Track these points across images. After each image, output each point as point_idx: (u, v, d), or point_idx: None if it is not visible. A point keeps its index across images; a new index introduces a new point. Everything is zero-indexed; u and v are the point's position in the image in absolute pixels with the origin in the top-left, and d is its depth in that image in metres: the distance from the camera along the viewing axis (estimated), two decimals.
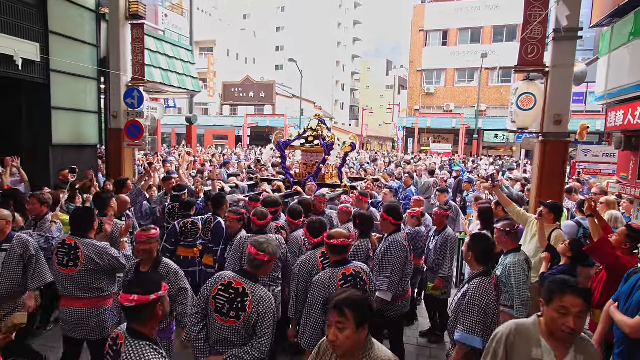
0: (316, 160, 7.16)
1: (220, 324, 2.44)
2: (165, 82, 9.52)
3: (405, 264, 3.71)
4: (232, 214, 3.95)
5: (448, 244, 4.58)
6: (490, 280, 2.77)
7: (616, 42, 5.02)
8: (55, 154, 7.34)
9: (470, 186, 8.49)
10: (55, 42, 7.19)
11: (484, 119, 28.41)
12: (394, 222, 3.78)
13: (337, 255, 2.89)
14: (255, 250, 2.53)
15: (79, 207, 4.59)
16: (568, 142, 5.27)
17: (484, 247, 2.85)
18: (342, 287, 2.77)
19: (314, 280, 2.85)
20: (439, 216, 4.71)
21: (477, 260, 2.84)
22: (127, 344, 1.82)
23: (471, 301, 2.71)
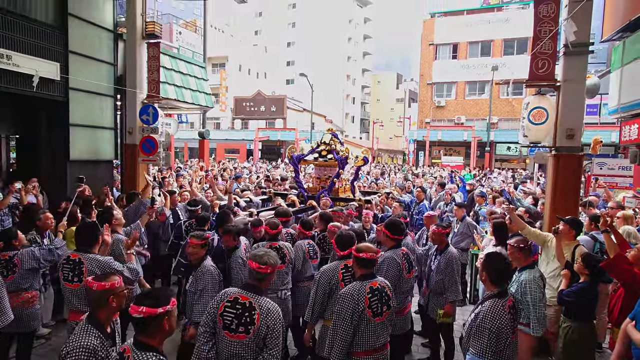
0: (329, 174, 7.16)
1: (229, 340, 2.44)
2: (179, 99, 9.75)
3: (398, 282, 3.68)
4: (195, 238, 3.54)
5: (453, 265, 4.19)
6: (504, 302, 2.71)
7: (628, 56, 5.00)
8: (72, 169, 7.53)
9: (483, 200, 8.39)
10: (75, 61, 7.44)
11: (496, 132, 28.21)
12: (392, 236, 3.78)
13: (364, 269, 2.92)
14: (257, 264, 2.54)
15: (82, 223, 4.62)
16: (582, 157, 5.22)
17: (499, 267, 2.79)
18: (369, 300, 2.80)
19: (342, 293, 2.86)
20: (437, 235, 4.36)
21: (492, 281, 2.79)
22: (134, 356, 1.87)
23: (482, 324, 2.68)
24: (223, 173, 12.30)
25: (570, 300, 3.63)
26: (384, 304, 2.86)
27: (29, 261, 3.68)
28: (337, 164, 7.00)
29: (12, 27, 6.35)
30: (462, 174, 18.17)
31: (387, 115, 53.13)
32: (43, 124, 7.62)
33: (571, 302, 3.64)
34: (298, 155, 7.40)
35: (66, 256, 3.35)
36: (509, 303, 2.72)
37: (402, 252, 3.78)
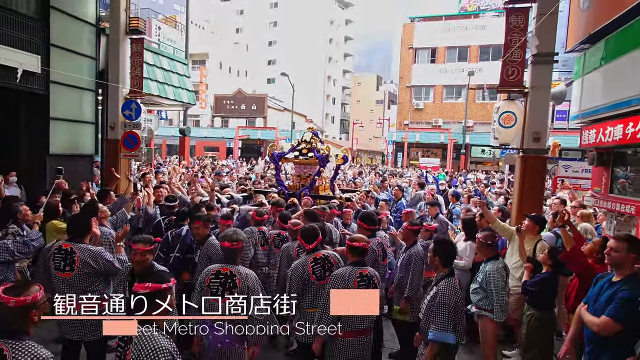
0: (310, 172, 7.23)
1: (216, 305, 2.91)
2: (161, 95, 9.75)
3: (374, 267, 3.92)
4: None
5: (413, 260, 4.21)
6: (454, 280, 3.11)
7: (588, 66, 5.43)
8: (52, 163, 7.45)
9: (456, 200, 8.77)
10: (56, 55, 7.38)
11: (471, 135, 29.09)
12: (367, 227, 4.09)
13: (357, 256, 3.26)
14: (229, 242, 3.10)
15: (75, 214, 4.71)
16: (546, 158, 5.63)
17: (448, 251, 3.19)
18: (358, 284, 3.13)
19: (334, 274, 3.20)
20: (407, 231, 4.42)
21: (443, 264, 3.16)
22: (139, 331, 2.02)
23: (442, 300, 3.00)
24: (204, 170, 12.33)
25: (534, 290, 3.98)
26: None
27: (1, 254, 3.65)
28: (317, 162, 7.07)
29: None
30: (436, 174, 18.74)
31: (366, 116, 53.68)
32: (22, 118, 7.51)
33: (534, 292, 3.98)
34: (279, 153, 7.43)
35: (57, 246, 3.41)
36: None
37: (377, 241, 4.10)
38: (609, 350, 2.79)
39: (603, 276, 3.14)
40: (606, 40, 5.03)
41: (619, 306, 2.77)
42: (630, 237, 3.07)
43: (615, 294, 2.85)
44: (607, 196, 5.17)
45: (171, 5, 45.40)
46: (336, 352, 3.15)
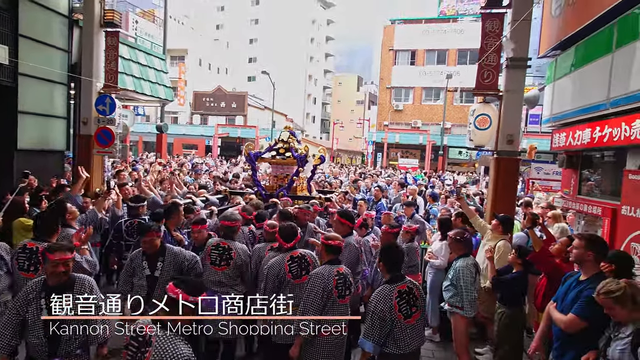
0: (287, 172, 7.09)
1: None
2: (137, 90, 9.51)
3: (356, 264, 4.13)
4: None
5: None
6: (394, 287, 2.93)
7: (559, 72, 5.62)
8: (20, 159, 7.17)
9: (433, 200, 8.91)
10: (25, 46, 7.10)
11: (449, 136, 29.66)
12: (349, 224, 4.21)
13: (332, 255, 3.27)
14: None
15: (43, 212, 4.51)
16: (519, 160, 5.78)
17: (391, 257, 3.07)
18: (337, 282, 3.13)
19: (314, 273, 3.19)
20: (385, 234, 4.38)
21: (386, 269, 3.04)
22: (157, 335, 2.04)
23: (368, 307, 3.00)
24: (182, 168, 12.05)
25: (505, 289, 4.08)
26: (347, 288, 3.20)
27: None
28: (295, 162, 6.93)
29: None
30: (414, 174, 19.05)
31: (347, 116, 53.99)
32: None
33: (505, 290, 4.09)
34: (255, 152, 7.25)
35: (22, 245, 3.27)
36: (400, 287, 2.94)
37: (356, 239, 4.21)
38: (575, 346, 2.89)
39: (571, 275, 3.25)
40: (576, 47, 5.22)
41: (584, 304, 2.87)
42: (589, 236, 3.20)
43: (581, 292, 2.95)
44: (576, 197, 5.36)
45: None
46: (312, 351, 3.12)
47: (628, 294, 2.52)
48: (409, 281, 3.05)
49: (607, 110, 4.23)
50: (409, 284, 3.01)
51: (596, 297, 2.63)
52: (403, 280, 3.02)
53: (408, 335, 2.94)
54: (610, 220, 4.29)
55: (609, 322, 2.71)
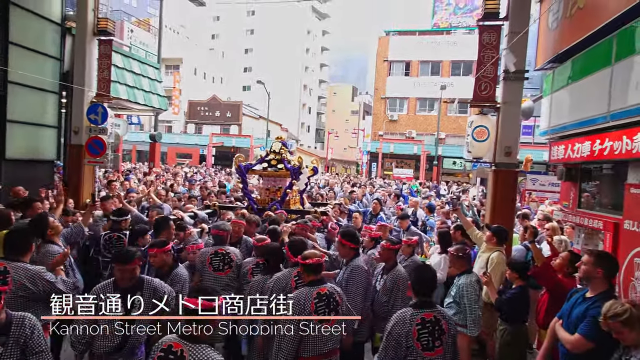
0: (280, 185, 6.81)
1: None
2: (130, 99, 9.39)
3: (367, 289, 3.76)
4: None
5: (400, 286, 3.80)
6: (418, 313, 2.68)
7: (557, 84, 5.61)
8: (7, 168, 6.99)
9: (430, 212, 8.81)
10: (16, 54, 6.98)
11: (443, 147, 29.81)
12: (353, 246, 3.80)
13: (312, 275, 3.00)
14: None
15: (14, 228, 4.09)
16: (517, 172, 5.73)
17: (420, 279, 2.79)
18: (316, 305, 2.86)
19: (290, 297, 2.90)
20: (386, 250, 3.97)
21: (414, 291, 2.79)
22: (190, 349, 2.04)
23: (387, 326, 2.75)
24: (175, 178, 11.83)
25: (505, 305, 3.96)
26: (331, 310, 2.92)
27: None
28: (288, 174, 6.63)
29: None
30: (410, 184, 19.04)
31: (342, 126, 54.16)
32: None
33: (506, 307, 3.97)
34: (246, 164, 6.92)
35: None
36: (424, 316, 2.66)
37: (363, 259, 3.92)
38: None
39: (577, 291, 3.16)
40: (573, 60, 5.21)
41: (591, 324, 2.77)
42: (598, 252, 3.12)
43: (587, 310, 2.86)
44: (576, 211, 5.30)
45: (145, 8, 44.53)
46: None
47: (635, 315, 2.42)
48: (439, 311, 2.74)
49: (608, 123, 4.19)
50: (438, 314, 2.70)
51: (602, 321, 2.53)
52: (432, 308, 2.72)
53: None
54: (612, 234, 4.22)
55: (616, 342, 2.62)
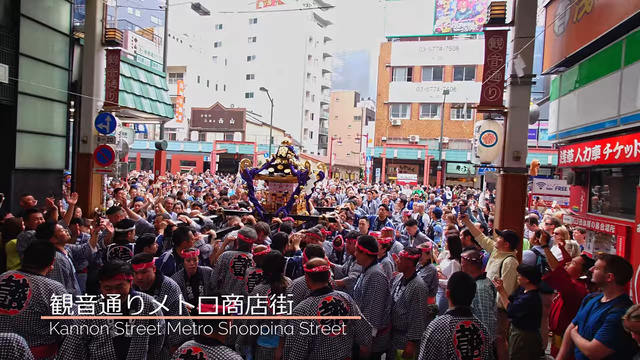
0: (286, 190, 6.70)
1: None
2: (138, 108, 9.45)
3: (386, 297, 3.67)
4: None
5: (419, 297, 3.68)
6: (456, 320, 2.66)
7: (565, 88, 5.61)
8: (17, 177, 7.03)
9: (436, 217, 8.79)
10: (26, 65, 7.04)
11: (447, 151, 29.77)
12: (371, 253, 3.72)
13: (319, 283, 2.97)
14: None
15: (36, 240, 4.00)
16: (527, 177, 5.71)
17: (459, 286, 2.77)
18: (322, 315, 2.81)
19: (295, 309, 2.86)
20: (405, 260, 3.82)
21: (452, 300, 2.78)
22: (209, 352, 2.08)
23: (425, 333, 2.70)
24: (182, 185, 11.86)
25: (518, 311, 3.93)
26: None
27: None
28: (294, 179, 6.53)
29: None
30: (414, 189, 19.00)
31: (345, 132, 54.31)
32: None
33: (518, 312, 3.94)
34: (252, 169, 6.82)
35: (8, 276, 2.83)
36: (463, 323, 2.64)
37: (382, 267, 3.84)
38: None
39: (592, 296, 3.14)
40: (580, 64, 5.22)
41: (609, 330, 2.75)
42: (611, 257, 3.11)
43: (604, 315, 2.84)
44: (586, 215, 5.27)
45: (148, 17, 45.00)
46: None
47: None
48: (476, 320, 2.73)
49: (618, 127, 4.18)
50: (475, 323, 2.69)
51: (626, 320, 2.52)
52: (469, 316, 2.71)
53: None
54: (625, 238, 4.19)
55: (634, 348, 2.59)
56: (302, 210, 6.94)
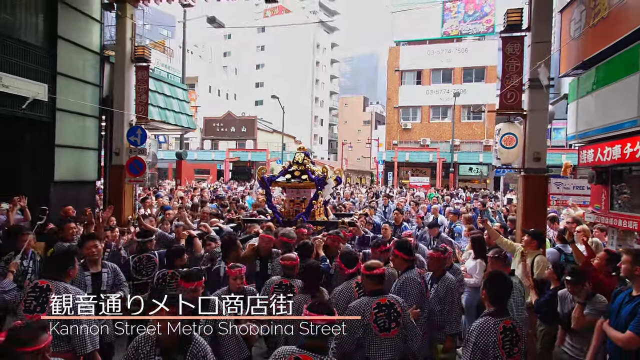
0: (304, 196, 6.70)
1: None
2: (163, 120, 9.84)
3: (421, 301, 3.64)
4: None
5: (453, 292, 3.82)
6: (498, 321, 2.71)
7: (582, 90, 5.79)
8: (56, 189, 7.41)
9: (457, 217, 8.95)
10: (62, 83, 7.45)
11: (459, 153, 29.80)
12: (407, 258, 3.76)
13: (376, 285, 3.05)
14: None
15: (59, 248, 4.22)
16: (547, 177, 5.88)
17: (496, 287, 2.82)
18: (375, 315, 2.89)
19: (350, 306, 3.01)
20: (435, 259, 3.95)
21: (490, 300, 2.83)
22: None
23: (469, 337, 2.74)
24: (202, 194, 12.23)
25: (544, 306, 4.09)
26: (392, 320, 2.93)
27: None
28: (312, 185, 6.52)
29: (3, 49, 6.36)
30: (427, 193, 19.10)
31: (354, 136, 54.53)
32: (26, 145, 7.50)
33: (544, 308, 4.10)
34: (269, 176, 6.82)
35: (34, 283, 2.96)
36: (504, 323, 2.72)
37: (418, 272, 3.83)
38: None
39: (621, 290, 3.30)
40: (597, 67, 5.41)
41: None
42: (636, 251, 3.27)
43: (636, 307, 3.01)
44: (608, 212, 5.42)
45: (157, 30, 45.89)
46: None
47: None
48: (512, 318, 2.82)
49: (637, 128, 4.36)
50: (513, 322, 2.78)
51: None
52: (508, 315, 2.79)
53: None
54: None
55: None
56: (320, 216, 6.93)
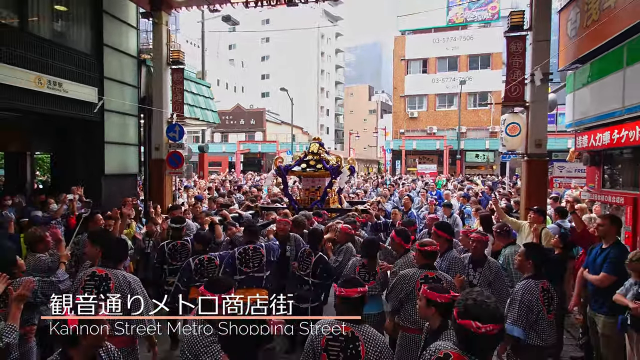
0: (319, 185, 7.01)
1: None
2: (192, 117, 10.65)
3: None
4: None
5: (501, 275, 4.06)
6: (538, 282, 3.26)
7: (578, 83, 6.52)
8: (106, 182, 8.31)
9: (466, 201, 9.75)
10: (108, 86, 8.29)
11: (465, 140, 30.37)
12: (448, 237, 4.00)
13: (427, 259, 3.38)
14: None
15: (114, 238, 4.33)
16: (547, 161, 6.65)
17: (541, 257, 3.39)
18: (420, 284, 3.08)
19: (400, 274, 3.43)
20: (478, 242, 4.08)
21: (533, 267, 3.33)
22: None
23: (515, 297, 3.25)
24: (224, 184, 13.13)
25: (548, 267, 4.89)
26: None
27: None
28: (327, 174, 6.83)
29: (61, 58, 7.19)
30: (436, 180, 19.82)
31: (360, 126, 55.10)
32: (79, 142, 8.40)
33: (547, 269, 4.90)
34: (286, 165, 7.11)
35: (90, 272, 3.11)
36: (542, 285, 3.27)
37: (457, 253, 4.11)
38: (608, 295, 3.72)
39: (593, 247, 4.13)
40: (591, 63, 6.12)
41: (612, 264, 3.82)
42: (611, 215, 4.12)
43: (607, 256, 3.88)
44: (600, 190, 6.21)
45: None
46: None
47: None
48: (546, 281, 3.33)
49: (623, 116, 5.10)
50: (547, 284, 3.31)
51: (629, 264, 3.51)
52: (544, 278, 3.33)
53: (550, 328, 3.25)
54: (632, 207, 5.13)
55: None
56: (334, 203, 7.40)
